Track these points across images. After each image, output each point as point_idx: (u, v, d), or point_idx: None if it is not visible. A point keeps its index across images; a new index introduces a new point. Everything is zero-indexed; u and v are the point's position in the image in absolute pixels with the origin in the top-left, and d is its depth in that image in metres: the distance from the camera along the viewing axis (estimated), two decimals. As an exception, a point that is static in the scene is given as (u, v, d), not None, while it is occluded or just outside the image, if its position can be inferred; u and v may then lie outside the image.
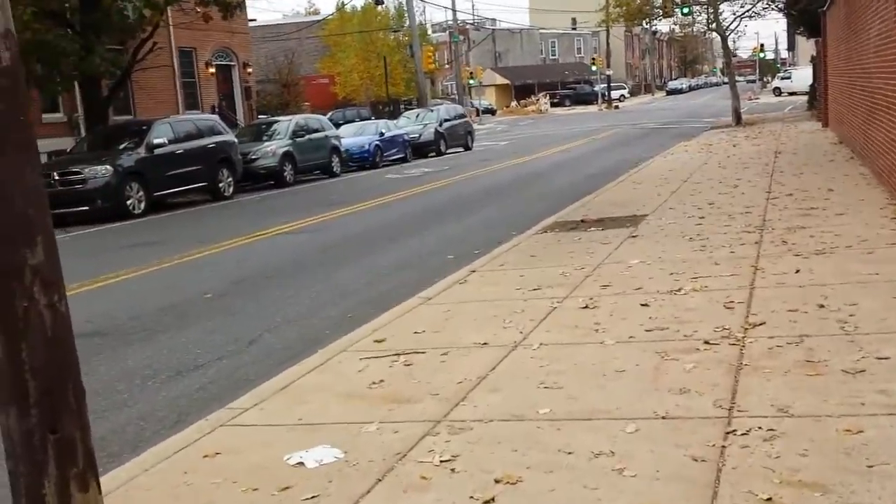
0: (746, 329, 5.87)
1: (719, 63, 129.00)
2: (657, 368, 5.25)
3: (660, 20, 45.03)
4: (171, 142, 18.28)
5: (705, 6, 35.36)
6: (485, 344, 6.18)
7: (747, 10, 35.64)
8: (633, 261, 8.66)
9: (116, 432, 5.35)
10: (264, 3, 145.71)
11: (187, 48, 29.49)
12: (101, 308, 8.64)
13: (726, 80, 39.38)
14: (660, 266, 8.28)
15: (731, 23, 35.72)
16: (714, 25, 34.68)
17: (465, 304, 7.59)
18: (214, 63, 30.79)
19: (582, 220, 11.69)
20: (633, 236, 10.18)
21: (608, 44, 68.38)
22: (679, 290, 7.21)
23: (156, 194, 17.70)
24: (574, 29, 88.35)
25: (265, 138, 23.42)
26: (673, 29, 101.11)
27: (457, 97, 54.84)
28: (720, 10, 34.00)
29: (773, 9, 38.50)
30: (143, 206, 17.19)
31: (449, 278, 8.79)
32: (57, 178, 16.79)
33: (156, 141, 17.76)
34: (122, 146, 17.98)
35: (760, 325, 5.94)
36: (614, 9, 37.87)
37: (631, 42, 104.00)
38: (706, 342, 5.65)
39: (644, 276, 7.93)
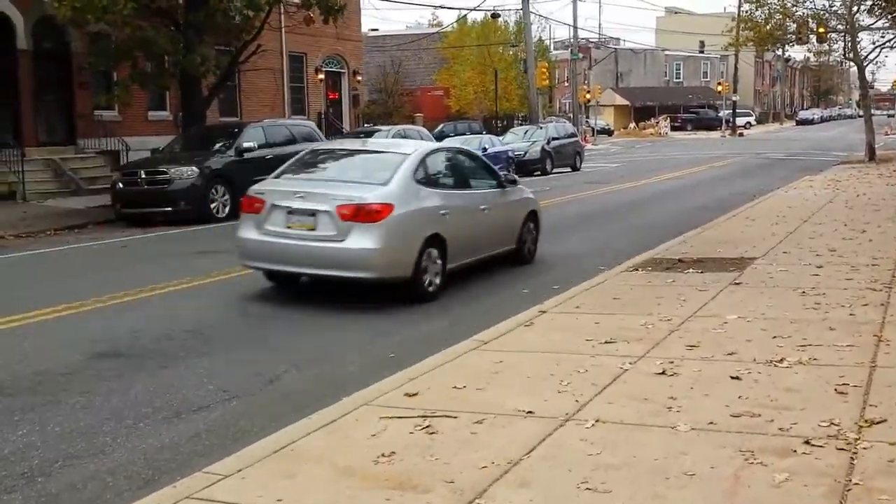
0: (861, 427, 4.60)
1: (855, 95, 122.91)
2: (737, 477, 4.06)
3: (792, 46, 42.64)
4: (261, 146, 17.77)
5: (843, 34, 32.99)
6: (530, 413, 5.10)
7: (889, 41, 33.14)
8: (730, 315, 7.40)
9: (75, 490, 4.53)
10: (377, 13, 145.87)
11: (298, 53, 29.31)
12: (130, 324, 7.96)
13: (861, 112, 36.77)
14: (761, 325, 7.00)
15: (870, 52, 33.25)
16: (851, 54, 32.32)
17: (522, 354, 6.52)
18: (324, 69, 30.54)
19: (679, 260, 10.41)
20: (736, 283, 8.88)
21: (736, 68, 65.54)
22: (781, 360, 5.95)
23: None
24: (701, 52, 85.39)
25: (364, 147, 22.81)
26: (807, 57, 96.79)
27: (573, 115, 53.51)
28: (858, 39, 31.67)
29: (917, 39, 35.75)
30: (227, 210, 16.70)
31: (513, 319, 7.73)
32: (144, 176, 16.52)
33: (245, 144, 17.29)
34: (212, 148, 17.62)
35: (880, 422, 4.66)
36: (744, 31, 35.80)
37: (761, 68, 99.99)
38: (807, 442, 4.42)
39: (741, 336, 6.68)
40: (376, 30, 65.19)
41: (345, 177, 9.37)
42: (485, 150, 27.55)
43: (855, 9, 30.02)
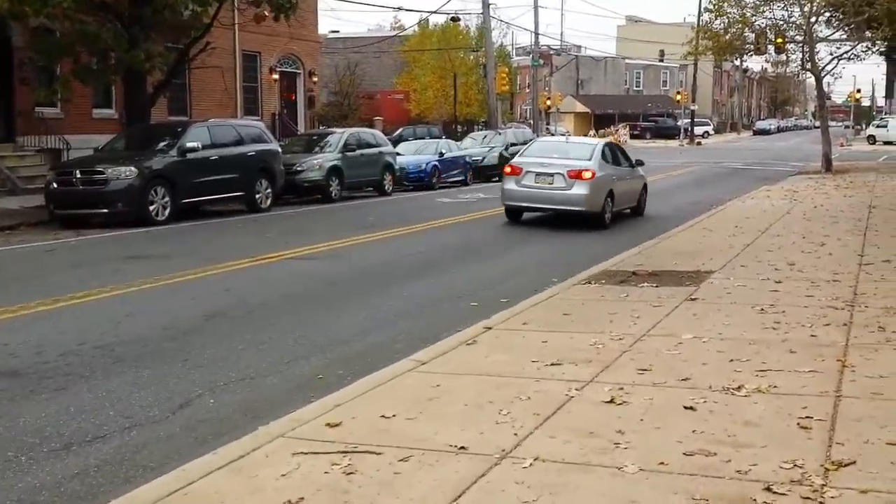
0: (828, 471, 4.13)
1: (811, 106, 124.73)
2: (689, 533, 3.56)
3: (751, 56, 42.71)
4: (206, 146, 17.03)
5: (801, 45, 33.03)
6: (462, 449, 4.56)
7: (846, 52, 33.26)
8: (685, 335, 6.95)
9: (-72, 539, 3.90)
10: (340, 14, 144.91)
11: (252, 52, 28.49)
12: (38, 337, 7.28)
13: (817, 123, 36.92)
14: (718, 347, 6.55)
15: (828, 63, 33.34)
16: (809, 65, 32.37)
17: (461, 377, 5.99)
18: (278, 69, 29.75)
19: (634, 273, 9.97)
20: (692, 299, 8.44)
21: (695, 78, 65.84)
22: (739, 388, 5.49)
23: (183, 201, 16.44)
24: (661, 61, 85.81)
25: (316, 150, 22.18)
26: (765, 68, 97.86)
27: (533, 122, 53.26)
28: (816, 50, 31.71)
29: (873, 52, 35.96)
30: (167, 212, 15.94)
31: (456, 336, 7.21)
32: (79, 176, 15.70)
33: (188, 144, 16.53)
34: (154, 147, 16.84)
35: (849, 465, 4.19)
36: (703, 41, 35.73)
37: (720, 78, 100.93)
38: (768, 488, 3.94)
39: (696, 359, 6.22)
40: (337, 31, 64.43)
41: (564, 155, 16.12)
42: (442, 154, 27.09)
43: (813, 20, 30.03)
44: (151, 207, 15.67)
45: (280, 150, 19.89)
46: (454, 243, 13.53)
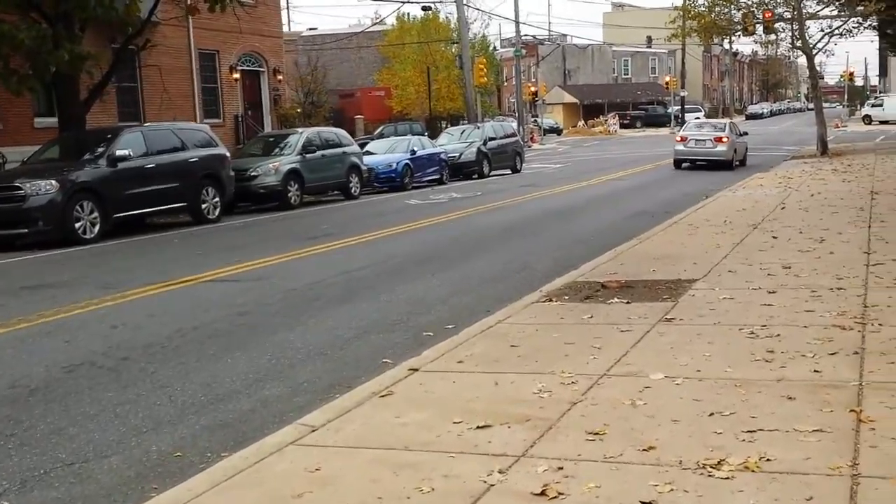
0: None
1: (803, 88, 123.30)
2: None
3: (739, 38, 41.27)
4: (141, 154, 15.51)
5: (790, 22, 31.57)
6: None
7: (836, 28, 31.82)
8: (654, 374, 5.48)
9: None
10: (324, 10, 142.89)
11: (209, 50, 26.87)
12: None
13: (811, 105, 35.42)
14: (695, 392, 5.08)
15: (819, 41, 31.88)
16: (799, 43, 30.90)
17: (354, 453, 4.51)
18: (239, 68, 28.18)
19: (603, 286, 8.48)
20: (668, 320, 6.96)
21: (683, 63, 64.29)
22: (719, 463, 4.01)
23: (117, 216, 14.90)
24: (649, 47, 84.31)
25: (275, 152, 20.67)
26: (755, 51, 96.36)
27: (517, 114, 51.71)
28: (806, 27, 30.25)
29: (865, 27, 34.51)
30: (96, 229, 14.38)
31: (369, 385, 5.73)
32: (-5, 192, 14.19)
33: (119, 153, 14.98)
34: (82, 158, 15.29)
35: None
36: (688, 21, 34.24)
37: (709, 63, 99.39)
38: None
39: (665, 413, 4.75)
40: (315, 28, 62.86)
41: (709, 130, 28.52)
42: (414, 152, 25.57)
43: (802, -5, 28.59)
44: (77, 225, 14.12)
45: (228, 154, 18.35)
46: (409, 252, 12.03)
